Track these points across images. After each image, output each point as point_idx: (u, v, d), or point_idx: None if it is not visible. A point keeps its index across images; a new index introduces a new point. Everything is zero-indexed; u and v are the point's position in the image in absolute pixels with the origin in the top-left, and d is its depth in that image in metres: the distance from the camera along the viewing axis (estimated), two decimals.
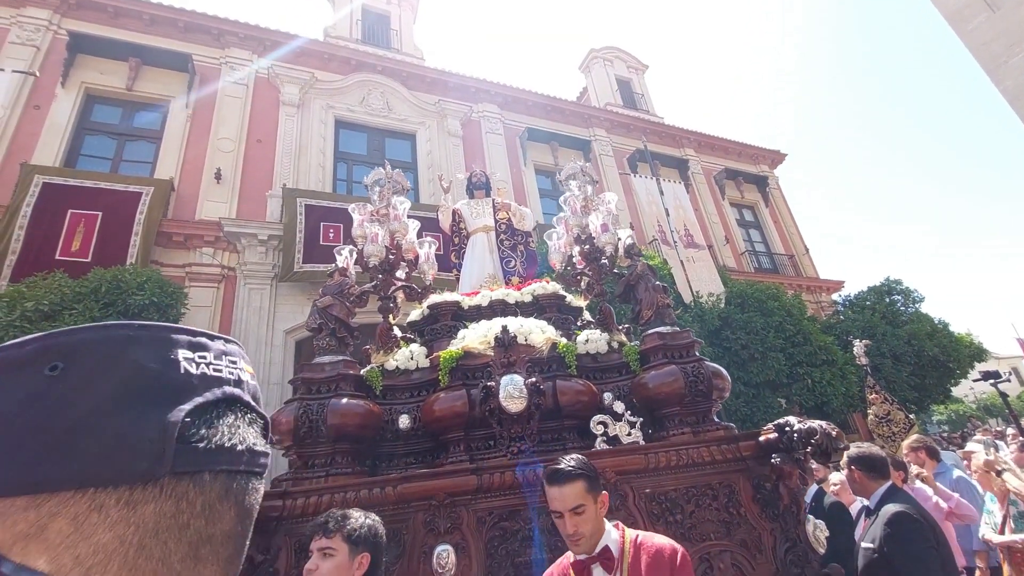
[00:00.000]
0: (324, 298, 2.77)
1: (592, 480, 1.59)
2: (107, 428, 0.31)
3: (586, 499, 1.56)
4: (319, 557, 1.59)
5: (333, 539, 1.61)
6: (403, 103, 13.40)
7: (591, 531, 1.55)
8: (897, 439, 6.51)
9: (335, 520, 1.65)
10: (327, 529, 1.63)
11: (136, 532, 0.31)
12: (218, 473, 0.35)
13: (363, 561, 1.62)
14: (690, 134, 18.00)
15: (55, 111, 10.07)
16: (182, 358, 0.36)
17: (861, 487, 2.89)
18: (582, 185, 3.50)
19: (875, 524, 2.65)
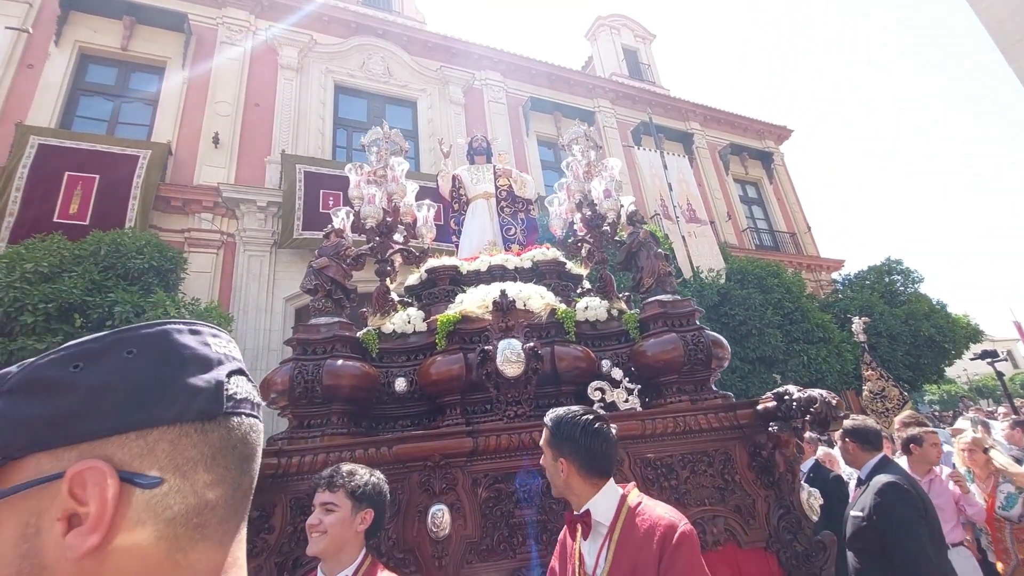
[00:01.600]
0: (320, 259, 2.73)
1: (553, 435, 1.53)
2: (182, 385, 0.48)
3: (544, 448, 1.56)
4: (322, 512, 1.59)
5: (337, 494, 1.60)
6: (404, 69, 13.10)
7: (550, 480, 1.56)
8: (891, 415, 6.56)
9: (340, 475, 1.64)
10: (332, 484, 1.63)
11: (208, 449, 0.48)
12: (244, 416, 0.53)
13: (366, 517, 1.61)
14: (696, 107, 17.68)
15: (49, 70, 9.85)
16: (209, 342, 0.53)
17: (854, 458, 2.92)
18: (585, 150, 3.42)
19: (865, 493, 2.68)
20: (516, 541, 2.22)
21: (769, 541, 2.41)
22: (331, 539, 1.55)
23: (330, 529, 1.55)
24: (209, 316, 7.06)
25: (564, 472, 1.49)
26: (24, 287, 6.06)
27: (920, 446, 3.57)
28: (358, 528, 1.59)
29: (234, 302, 9.52)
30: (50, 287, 6.21)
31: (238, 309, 9.43)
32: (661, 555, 1.34)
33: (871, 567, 2.60)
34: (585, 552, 1.49)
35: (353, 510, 1.59)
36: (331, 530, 1.55)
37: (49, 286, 6.22)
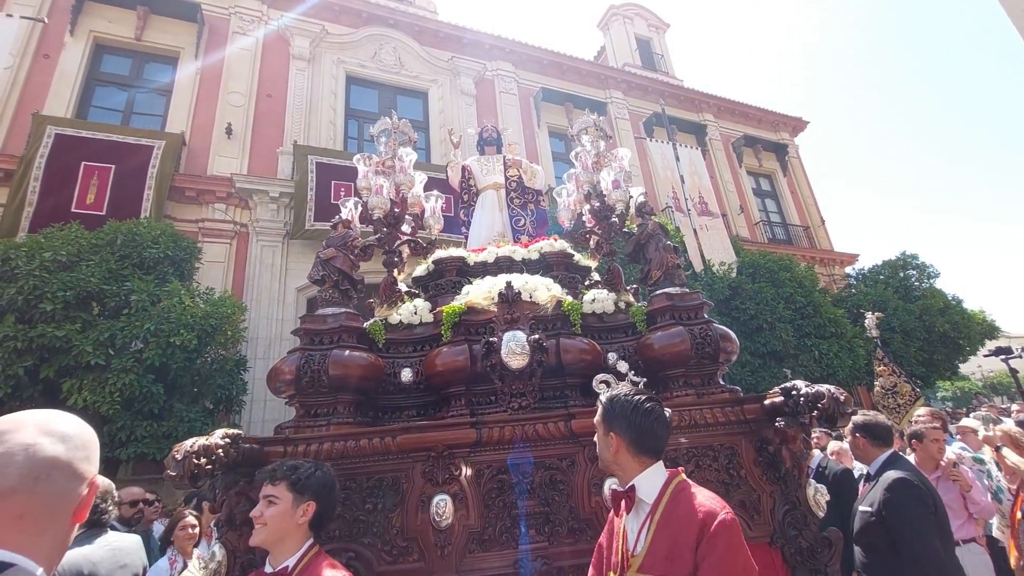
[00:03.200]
0: (327, 250, 2.75)
1: (607, 413, 1.60)
2: None
3: (598, 425, 1.62)
4: (264, 504, 1.62)
5: (278, 487, 1.64)
6: (415, 59, 13.07)
7: (600, 456, 1.62)
8: (902, 411, 6.48)
9: (281, 469, 1.69)
10: (273, 476, 1.67)
11: None
12: None
13: (307, 509, 1.64)
14: (710, 98, 17.44)
15: (64, 60, 9.97)
16: None
17: (864, 453, 2.90)
18: (594, 140, 3.39)
19: (874, 489, 2.67)
20: (519, 532, 2.23)
21: (774, 536, 2.39)
22: (270, 530, 1.59)
23: (269, 521, 1.58)
24: (223, 305, 7.15)
25: (613, 447, 1.55)
26: (43, 275, 6.18)
27: (921, 442, 3.54)
28: (299, 520, 1.62)
29: (247, 292, 9.64)
30: (69, 275, 6.33)
31: (251, 299, 9.54)
32: (699, 541, 1.34)
33: (879, 562, 2.60)
34: (628, 528, 1.52)
35: (294, 502, 1.62)
36: (270, 522, 1.58)
37: (68, 274, 6.34)
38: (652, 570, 1.38)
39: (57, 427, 0.87)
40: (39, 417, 0.87)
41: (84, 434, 0.91)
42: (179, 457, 1.74)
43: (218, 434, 1.91)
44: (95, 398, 5.93)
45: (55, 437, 0.84)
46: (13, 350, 5.87)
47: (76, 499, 0.85)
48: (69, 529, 0.86)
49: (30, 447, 0.81)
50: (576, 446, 2.37)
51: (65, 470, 0.83)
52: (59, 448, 0.83)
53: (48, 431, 0.84)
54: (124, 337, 6.22)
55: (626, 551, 1.48)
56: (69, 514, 0.85)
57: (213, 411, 7.20)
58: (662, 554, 1.38)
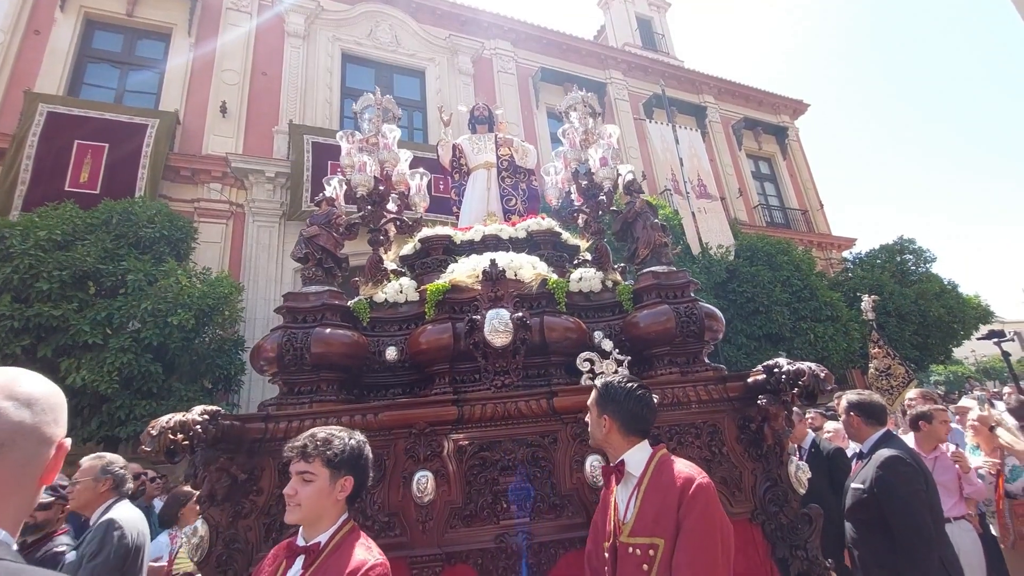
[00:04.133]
0: (311, 227, 2.73)
1: (601, 396, 1.77)
2: None
3: (591, 407, 1.80)
4: (298, 481, 1.53)
5: (313, 464, 1.53)
6: (412, 37, 12.85)
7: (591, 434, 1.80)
8: (895, 392, 6.51)
9: (315, 444, 1.57)
10: (306, 453, 1.55)
11: None
12: None
13: (346, 484, 1.57)
14: (710, 79, 17.19)
15: (55, 36, 9.82)
16: None
17: (857, 432, 2.92)
18: (583, 117, 3.34)
19: (867, 467, 2.68)
20: (500, 507, 2.25)
21: (754, 513, 2.41)
22: (307, 509, 1.52)
23: (305, 501, 1.51)
24: (220, 286, 7.14)
25: (606, 428, 1.74)
26: (39, 254, 6.16)
27: (930, 423, 3.55)
28: (338, 496, 1.56)
29: (244, 272, 9.63)
30: (64, 255, 6.31)
31: (248, 279, 9.53)
32: (680, 503, 1.54)
33: (870, 538, 2.62)
34: (619, 500, 1.71)
35: (331, 478, 1.54)
36: (306, 502, 1.51)
37: (63, 254, 6.32)
38: (641, 532, 1.56)
39: (22, 390, 0.84)
40: (3, 379, 0.84)
41: (51, 396, 0.88)
42: (154, 433, 1.74)
43: (196, 410, 1.91)
44: (93, 377, 5.96)
45: (20, 401, 0.82)
46: (10, 329, 5.88)
47: (43, 463, 0.84)
48: (35, 492, 0.85)
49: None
50: (558, 424, 2.38)
51: (31, 436, 0.82)
52: (24, 413, 0.81)
53: (12, 395, 0.82)
54: (121, 317, 6.23)
55: (618, 520, 1.66)
56: (35, 478, 0.83)
57: (212, 391, 7.24)
58: (649, 518, 1.56)
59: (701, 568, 1.46)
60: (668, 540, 1.51)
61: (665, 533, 1.52)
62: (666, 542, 1.51)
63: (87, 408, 6.14)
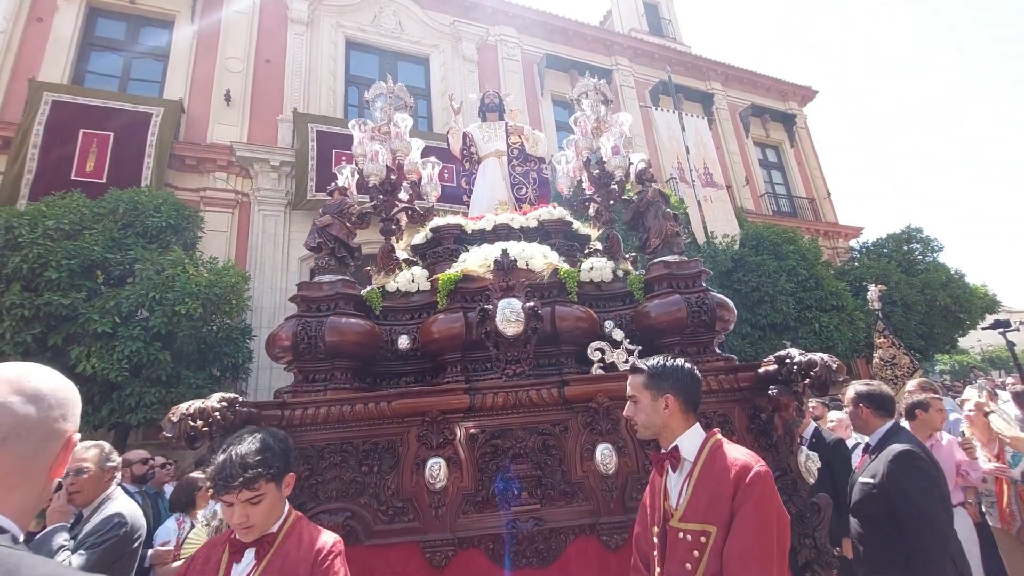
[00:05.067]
0: (323, 217, 2.73)
1: (654, 378, 1.67)
2: None
3: (641, 392, 1.68)
4: (247, 508, 1.48)
5: (258, 486, 1.50)
6: (416, 23, 12.74)
7: (644, 422, 1.67)
8: (900, 382, 6.52)
9: (253, 467, 1.49)
10: (248, 480, 1.47)
11: None
12: None
13: (290, 481, 1.62)
14: (718, 66, 17.00)
15: (58, 24, 9.77)
16: None
17: (865, 423, 2.83)
18: (595, 104, 3.32)
19: (877, 460, 2.62)
20: (511, 494, 2.28)
21: None
22: (263, 524, 1.52)
23: (260, 520, 1.51)
24: (227, 274, 7.17)
25: (668, 409, 1.65)
26: (47, 244, 6.19)
27: (925, 411, 3.56)
28: (285, 495, 1.61)
29: (250, 261, 9.66)
30: (72, 244, 6.34)
31: (254, 268, 9.56)
32: (735, 491, 1.49)
33: (877, 534, 2.56)
34: (671, 486, 1.66)
35: (276, 487, 1.55)
36: (261, 519, 1.51)
37: (71, 243, 6.35)
38: (693, 519, 1.53)
39: (30, 385, 0.85)
40: (13, 374, 0.85)
41: (60, 391, 0.89)
42: (175, 419, 1.77)
43: (215, 397, 1.94)
44: (103, 365, 6.02)
45: (26, 396, 0.83)
46: (20, 318, 5.93)
47: (50, 457, 0.86)
48: (46, 485, 0.87)
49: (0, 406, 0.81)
50: (569, 412, 2.40)
51: (36, 430, 0.83)
52: (29, 409, 0.83)
53: (20, 389, 0.83)
54: (129, 305, 6.27)
55: (667, 505, 1.63)
56: (44, 472, 0.85)
57: (220, 378, 7.31)
58: (703, 504, 1.52)
59: (753, 559, 1.41)
60: (721, 528, 1.47)
61: (718, 520, 1.48)
62: (719, 530, 1.47)
63: (98, 395, 6.21)
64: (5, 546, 0.74)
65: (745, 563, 1.40)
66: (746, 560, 1.41)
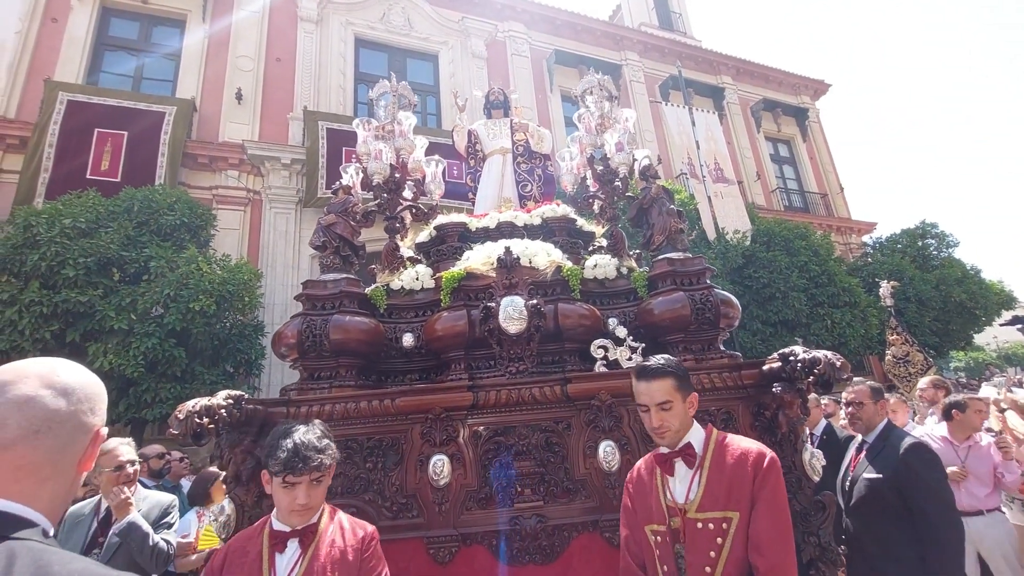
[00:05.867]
0: (328, 216, 2.76)
1: (682, 379, 1.70)
2: None
3: (674, 396, 1.66)
4: (311, 487, 1.56)
5: (327, 469, 1.61)
6: (425, 20, 12.74)
7: (678, 426, 1.66)
8: (913, 380, 6.44)
9: (328, 453, 1.62)
10: (322, 464, 1.58)
11: None
12: None
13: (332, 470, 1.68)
14: (728, 60, 16.81)
15: (72, 24, 9.92)
16: None
17: (871, 420, 2.78)
18: (599, 101, 3.31)
19: (883, 455, 2.59)
20: (514, 491, 2.30)
21: None
22: (318, 506, 1.62)
23: (317, 502, 1.60)
24: (240, 272, 7.27)
25: (692, 408, 1.71)
26: (64, 242, 6.32)
27: (963, 412, 3.50)
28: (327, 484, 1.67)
29: (262, 258, 9.77)
30: (88, 242, 6.46)
31: (266, 265, 9.67)
32: (755, 476, 1.58)
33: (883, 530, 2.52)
34: (674, 483, 1.69)
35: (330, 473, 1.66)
36: (317, 501, 1.60)
37: (88, 241, 6.48)
38: (712, 507, 1.59)
39: (60, 379, 0.86)
40: (42, 368, 0.87)
41: (88, 386, 0.91)
42: (182, 416, 1.81)
43: (221, 395, 1.97)
44: (120, 361, 6.14)
45: (56, 390, 0.84)
46: (39, 315, 6.07)
47: (80, 451, 0.87)
48: (75, 478, 0.88)
49: (31, 399, 0.82)
50: (572, 410, 2.41)
51: (67, 423, 0.84)
52: (60, 402, 0.84)
53: (50, 383, 0.85)
54: (145, 303, 6.38)
55: (673, 503, 1.66)
56: (73, 465, 0.87)
57: (233, 374, 7.42)
58: (721, 493, 1.59)
59: (779, 534, 1.54)
60: (743, 512, 1.56)
61: (739, 506, 1.57)
62: (741, 514, 1.56)
63: (115, 391, 6.33)
64: (37, 540, 0.75)
65: (774, 540, 1.53)
66: (772, 535, 1.53)
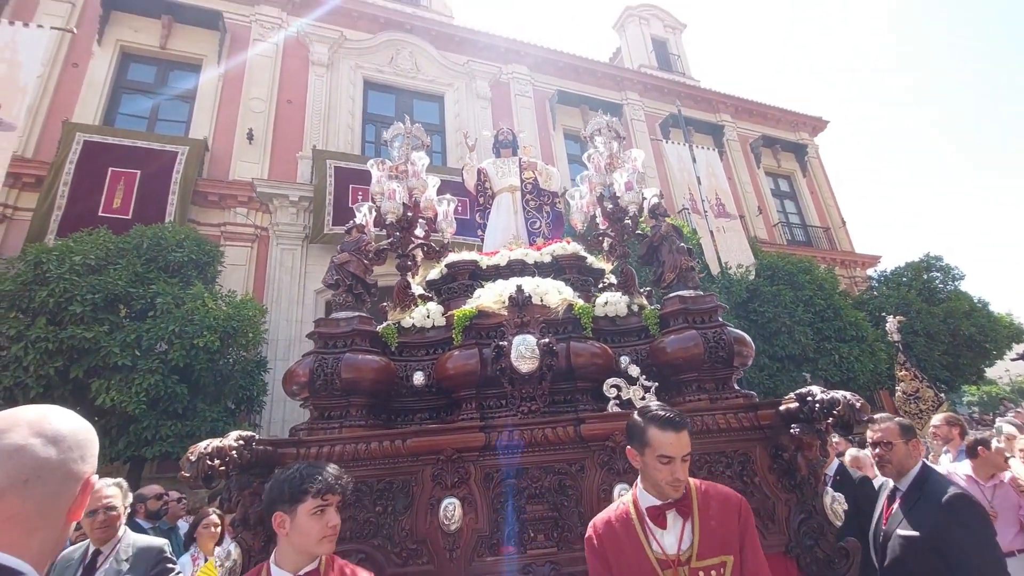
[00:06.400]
0: (341, 254, 2.79)
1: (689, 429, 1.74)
2: None
3: (690, 447, 1.71)
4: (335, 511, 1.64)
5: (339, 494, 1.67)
6: (432, 63, 13.17)
7: (685, 475, 1.69)
8: (924, 416, 6.32)
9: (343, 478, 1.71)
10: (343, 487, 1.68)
11: None
12: None
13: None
14: (727, 98, 17.25)
15: (93, 69, 10.28)
16: None
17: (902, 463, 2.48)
18: (607, 141, 3.38)
19: (919, 508, 2.32)
20: (527, 536, 2.23)
21: (789, 546, 2.35)
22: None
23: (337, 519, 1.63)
24: (245, 308, 7.28)
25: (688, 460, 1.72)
26: (73, 278, 6.36)
27: (989, 449, 3.41)
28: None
29: (267, 294, 9.81)
30: (97, 279, 6.51)
31: (271, 301, 9.70)
32: (739, 519, 1.68)
33: None
34: (664, 532, 1.68)
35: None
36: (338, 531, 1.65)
37: (96, 277, 6.52)
38: (710, 554, 1.63)
39: (50, 427, 0.86)
40: (33, 415, 0.86)
41: (78, 433, 0.90)
42: (193, 459, 1.78)
43: (232, 436, 1.95)
44: (122, 398, 6.09)
45: (47, 438, 0.84)
46: (45, 351, 6.05)
47: (69, 499, 0.86)
48: (64, 528, 0.87)
49: (21, 448, 0.81)
50: (585, 451, 2.36)
51: (56, 472, 0.84)
52: (50, 451, 0.83)
53: (40, 431, 0.84)
54: (149, 339, 6.38)
55: (663, 555, 1.65)
56: (62, 514, 0.85)
57: (234, 411, 7.34)
58: (716, 539, 1.64)
59: (766, 571, 1.66)
60: (736, 554, 1.64)
61: (732, 549, 1.64)
62: (734, 556, 1.63)
63: (115, 428, 6.26)
64: None
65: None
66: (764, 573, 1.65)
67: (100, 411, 6.11)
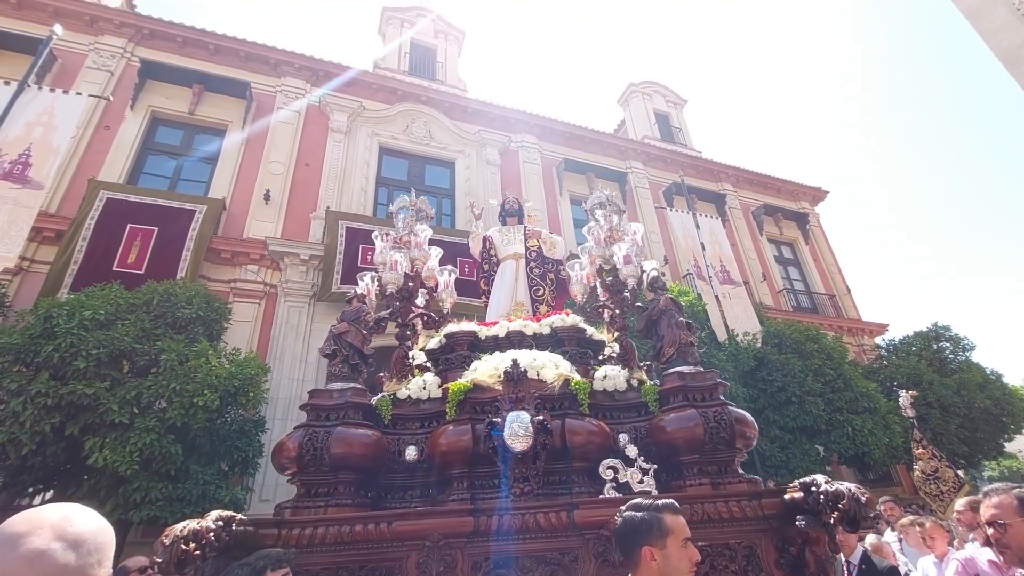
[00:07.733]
0: (340, 324, 2.80)
1: None
2: None
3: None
4: None
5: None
6: (444, 132, 13.77)
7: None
8: (945, 498, 6.00)
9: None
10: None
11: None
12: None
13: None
14: (728, 169, 17.74)
15: (123, 132, 10.82)
16: None
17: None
18: (608, 215, 3.45)
19: None
20: None
21: None
22: None
23: None
24: (248, 366, 7.23)
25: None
26: (81, 333, 6.38)
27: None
28: None
29: (271, 351, 9.78)
30: (104, 334, 6.51)
31: (275, 359, 9.66)
32: None
33: None
34: None
35: None
36: None
37: (103, 333, 6.53)
38: None
39: (72, 530, 0.89)
40: (56, 517, 0.89)
41: (99, 535, 0.93)
42: (167, 542, 1.71)
43: (212, 516, 1.88)
44: (115, 457, 5.93)
45: (68, 543, 0.87)
46: (43, 406, 5.98)
47: None
48: None
49: (43, 554, 0.83)
50: (579, 540, 2.25)
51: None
52: (70, 556, 0.86)
53: (62, 535, 0.87)
54: (149, 396, 6.30)
55: None
56: None
57: (228, 473, 7.13)
58: None
59: None
60: None
61: None
62: None
63: (104, 489, 6.08)
64: None
65: None
66: None
67: (92, 471, 5.96)
